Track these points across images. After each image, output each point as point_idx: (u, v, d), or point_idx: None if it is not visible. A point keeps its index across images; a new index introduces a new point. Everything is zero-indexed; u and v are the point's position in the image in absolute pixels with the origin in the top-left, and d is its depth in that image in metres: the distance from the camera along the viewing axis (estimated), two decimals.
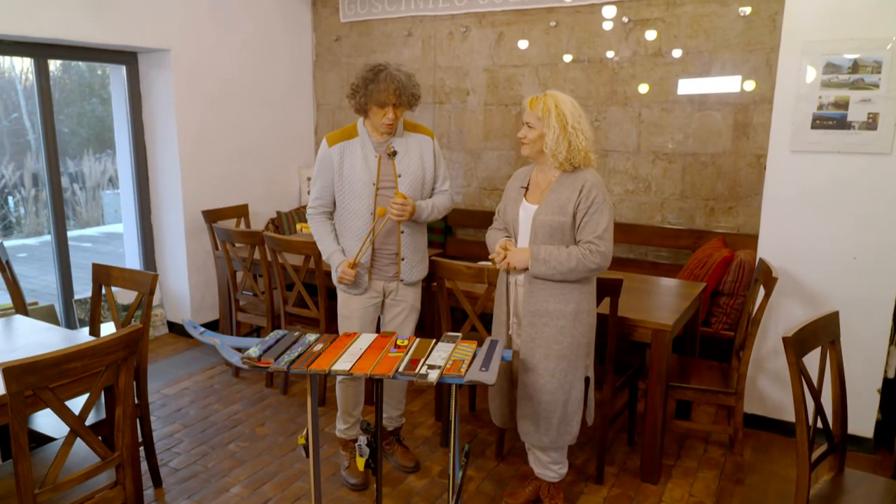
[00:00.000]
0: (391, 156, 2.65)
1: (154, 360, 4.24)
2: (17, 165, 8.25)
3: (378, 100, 2.53)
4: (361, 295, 2.72)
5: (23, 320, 2.78)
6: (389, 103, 2.54)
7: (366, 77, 2.56)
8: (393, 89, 2.52)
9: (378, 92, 2.52)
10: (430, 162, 2.74)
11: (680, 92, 4.09)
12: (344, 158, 2.65)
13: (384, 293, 2.76)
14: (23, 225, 9.23)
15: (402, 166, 2.66)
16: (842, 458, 2.16)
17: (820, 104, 2.97)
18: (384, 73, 2.54)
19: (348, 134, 2.68)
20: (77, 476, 1.94)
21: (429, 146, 2.75)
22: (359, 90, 2.58)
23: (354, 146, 2.66)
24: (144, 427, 2.72)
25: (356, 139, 2.67)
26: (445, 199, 2.80)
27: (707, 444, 3.21)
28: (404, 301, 2.76)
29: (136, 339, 1.96)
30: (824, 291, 3.09)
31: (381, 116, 2.57)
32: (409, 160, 2.68)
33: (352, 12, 5.18)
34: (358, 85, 2.59)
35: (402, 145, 2.68)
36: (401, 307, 2.76)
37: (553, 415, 2.39)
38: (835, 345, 2.12)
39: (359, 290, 2.71)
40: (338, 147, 2.66)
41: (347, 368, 2.02)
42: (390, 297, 2.76)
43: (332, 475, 2.89)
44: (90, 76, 8.90)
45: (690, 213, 4.19)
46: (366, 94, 2.55)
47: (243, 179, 4.88)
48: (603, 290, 2.62)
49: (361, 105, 2.59)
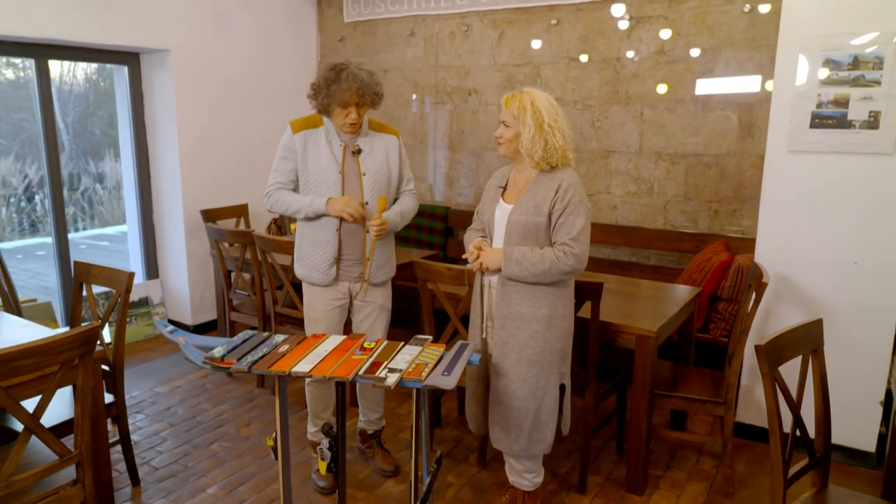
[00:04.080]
0: (355, 153, 2.61)
1: (151, 358, 4.27)
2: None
3: (341, 100, 2.49)
4: (327, 291, 2.68)
5: (6, 317, 2.80)
6: (352, 103, 2.50)
7: (328, 77, 2.51)
8: (356, 89, 2.47)
9: (340, 92, 2.47)
10: (395, 161, 2.70)
11: (684, 91, 3.98)
12: (308, 146, 2.61)
13: (350, 294, 2.71)
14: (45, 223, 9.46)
15: (367, 165, 2.62)
16: (825, 473, 2.05)
17: (819, 102, 2.84)
18: (346, 72, 2.49)
19: (313, 122, 2.65)
20: (32, 474, 1.92)
21: (394, 146, 2.71)
22: (321, 91, 2.52)
23: (318, 135, 2.62)
24: (121, 426, 2.72)
25: (321, 128, 2.64)
26: (411, 199, 2.76)
27: (700, 455, 3.10)
28: (373, 302, 2.72)
29: (91, 337, 1.94)
30: (824, 298, 2.96)
31: (343, 116, 2.53)
32: (373, 159, 2.64)
33: (356, 12, 5.17)
34: (320, 85, 2.53)
35: (366, 144, 2.64)
36: (370, 308, 2.72)
37: (524, 422, 2.31)
38: (817, 354, 2.01)
39: (326, 281, 2.66)
40: (301, 135, 2.62)
41: (308, 370, 1.98)
42: (358, 298, 2.71)
43: (308, 479, 2.85)
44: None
45: (694, 215, 4.07)
46: (328, 94, 2.50)
47: (244, 180, 4.89)
48: (583, 294, 2.54)
49: (324, 106, 2.55)
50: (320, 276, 2.66)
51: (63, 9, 3.70)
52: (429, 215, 4.92)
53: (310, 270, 2.69)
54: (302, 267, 2.73)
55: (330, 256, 2.64)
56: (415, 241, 4.98)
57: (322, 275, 2.66)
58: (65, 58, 4.07)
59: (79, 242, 8.44)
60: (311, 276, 2.69)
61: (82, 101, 9.03)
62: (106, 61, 4.29)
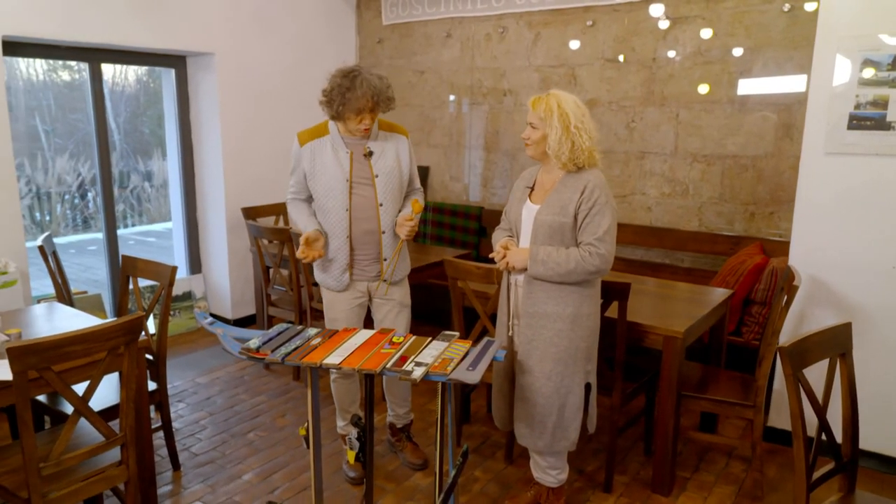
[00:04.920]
0: (367, 156, 2.65)
1: (193, 350, 4.43)
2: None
3: (355, 107, 2.48)
4: (344, 293, 2.74)
5: (60, 307, 2.96)
6: (366, 109, 2.50)
7: (341, 84, 2.48)
8: (370, 95, 2.47)
9: (355, 99, 2.46)
10: (406, 162, 2.74)
11: (720, 92, 3.94)
12: (315, 157, 2.65)
13: (369, 293, 2.78)
14: (97, 219, 9.85)
15: (379, 166, 2.65)
16: (852, 478, 2.03)
17: (857, 103, 2.80)
18: (359, 78, 2.47)
19: (318, 132, 2.68)
20: (80, 453, 2.05)
21: (405, 146, 2.75)
22: (334, 98, 2.50)
23: (324, 144, 2.65)
24: (164, 413, 2.85)
25: (326, 137, 2.66)
26: (419, 198, 2.81)
27: (730, 458, 3.08)
28: (392, 299, 2.78)
29: (136, 326, 2.06)
30: (860, 302, 2.91)
31: (357, 123, 2.54)
32: (385, 160, 2.67)
33: (393, 14, 5.26)
34: (333, 92, 2.51)
35: (378, 146, 2.67)
36: (389, 305, 2.78)
37: (548, 419, 2.35)
38: (846, 358, 1.99)
39: (340, 287, 2.73)
40: (308, 147, 2.66)
41: (338, 362, 2.06)
42: (377, 297, 2.78)
43: (339, 469, 2.94)
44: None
45: (729, 217, 4.02)
46: (342, 101, 2.48)
47: (284, 179, 5.00)
48: (611, 294, 2.56)
49: (338, 113, 2.53)
50: (334, 282, 2.73)
51: (115, 15, 3.88)
52: (463, 215, 4.97)
53: (325, 277, 2.76)
54: (319, 273, 2.80)
55: (342, 263, 2.69)
56: (448, 240, 5.04)
57: (336, 281, 2.73)
58: (116, 61, 4.26)
59: (127, 238, 8.77)
60: (327, 282, 2.76)
61: (133, 102, 9.36)
62: (154, 64, 4.47)
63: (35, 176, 8.29)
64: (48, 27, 3.61)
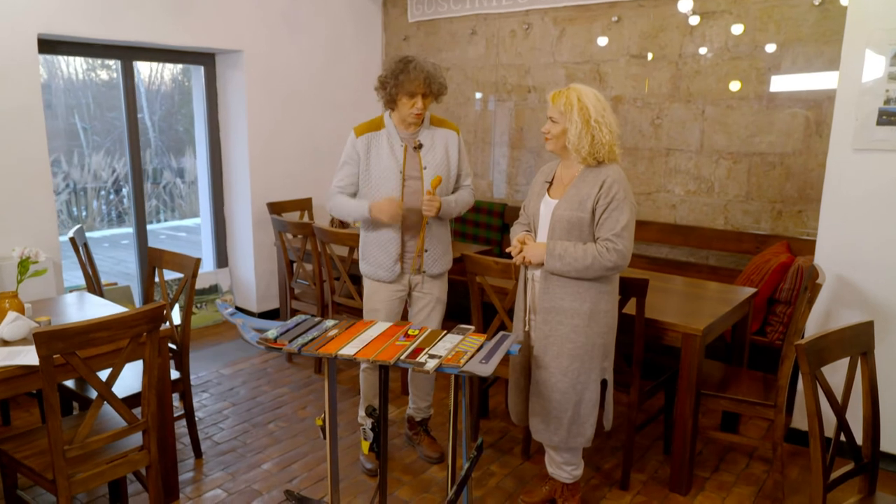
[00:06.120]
0: (416, 148, 2.69)
1: (218, 342, 4.52)
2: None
3: (408, 90, 2.59)
4: (390, 285, 2.78)
5: (89, 297, 3.05)
6: (419, 93, 2.61)
7: (395, 68, 2.63)
8: (423, 78, 2.59)
9: (408, 82, 2.58)
10: (454, 156, 2.78)
11: (748, 88, 3.87)
12: (370, 149, 2.73)
13: (410, 286, 2.81)
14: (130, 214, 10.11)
15: (428, 159, 2.71)
16: (872, 479, 1.98)
17: (887, 98, 2.73)
18: (413, 63, 2.61)
19: (375, 125, 2.76)
20: (103, 437, 2.12)
21: (454, 141, 2.79)
22: (388, 81, 2.64)
23: (381, 137, 2.74)
24: (186, 401, 2.92)
25: (382, 131, 2.75)
26: (467, 194, 2.82)
27: (751, 459, 3.03)
28: (430, 293, 2.81)
29: (158, 314, 2.12)
30: (889, 302, 2.84)
31: (409, 107, 2.63)
32: (434, 153, 2.73)
33: (419, 12, 5.28)
34: (387, 76, 2.65)
35: (427, 138, 2.73)
36: (426, 300, 2.81)
37: (564, 414, 2.34)
38: (867, 357, 1.95)
39: (391, 277, 2.76)
40: (364, 138, 2.74)
41: (353, 353, 2.09)
42: (416, 290, 2.81)
43: (357, 461, 2.97)
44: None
45: (756, 216, 3.96)
46: (396, 84, 2.61)
47: (310, 175, 5.09)
48: (629, 291, 2.54)
49: (392, 96, 2.66)
50: (386, 272, 2.77)
51: (146, 13, 3.98)
52: (486, 211, 4.97)
53: (375, 268, 2.79)
54: (368, 265, 2.83)
55: (394, 254, 2.75)
56: (471, 236, 5.05)
57: (387, 272, 2.77)
58: (147, 59, 4.36)
59: (159, 233, 8.97)
60: (377, 274, 2.79)
61: (168, 100, 9.56)
62: (184, 62, 4.57)
63: (72, 172, 8.51)
64: (82, 25, 3.72)
